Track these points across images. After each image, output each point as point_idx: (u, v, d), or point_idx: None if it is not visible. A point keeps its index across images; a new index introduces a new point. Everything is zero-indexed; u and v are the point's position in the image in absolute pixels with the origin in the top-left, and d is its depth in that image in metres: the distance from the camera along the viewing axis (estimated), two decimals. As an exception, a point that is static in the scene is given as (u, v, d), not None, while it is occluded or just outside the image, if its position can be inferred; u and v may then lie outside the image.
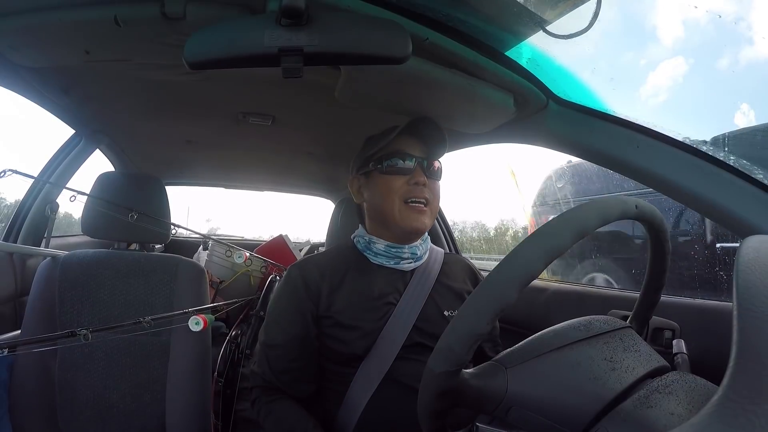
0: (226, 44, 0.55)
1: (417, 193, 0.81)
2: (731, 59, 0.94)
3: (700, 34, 1.17)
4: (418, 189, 0.81)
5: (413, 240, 0.84)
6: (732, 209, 0.65)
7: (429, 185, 0.82)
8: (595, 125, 0.80)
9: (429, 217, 0.82)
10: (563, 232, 0.42)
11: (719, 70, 1.20)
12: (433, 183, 0.84)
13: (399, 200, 0.81)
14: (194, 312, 0.97)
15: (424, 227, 0.82)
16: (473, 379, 0.45)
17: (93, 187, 1.11)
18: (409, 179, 0.81)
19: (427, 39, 0.69)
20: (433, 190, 0.84)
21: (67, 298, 1.01)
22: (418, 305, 0.79)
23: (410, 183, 0.81)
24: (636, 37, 0.93)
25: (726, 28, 0.99)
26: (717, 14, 0.65)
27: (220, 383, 1.51)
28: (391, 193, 0.81)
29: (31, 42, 0.74)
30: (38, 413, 0.95)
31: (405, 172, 0.82)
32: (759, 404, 0.27)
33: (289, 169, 1.86)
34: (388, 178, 0.82)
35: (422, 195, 0.81)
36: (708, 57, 1.35)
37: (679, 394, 0.42)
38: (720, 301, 0.79)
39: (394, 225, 0.81)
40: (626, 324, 0.53)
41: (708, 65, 1.45)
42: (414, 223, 0.80)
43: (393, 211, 0.81)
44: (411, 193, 0.81)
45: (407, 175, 0.81)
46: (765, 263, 0.37)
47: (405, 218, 0.80)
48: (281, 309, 0.82)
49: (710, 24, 0.98)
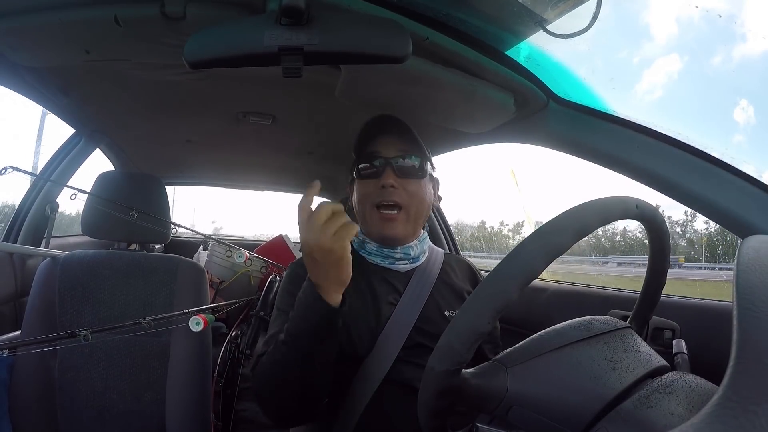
0: (226, 43, 0.55)
1: (386, 197, 0.78)
2: (733, 55, 0.95)
3: (700, 31, 1.17)
4: (386, 192, 0.78)
5: (395, 245, 0.82)
6: (732, 209, 0.65)
7: (403, 186, 0.79)
8: (596, 125, 0.80)
9: (403, 222, 0.79)
10: (564, 231, 0.43)
11: (719, 68, 1.19)
12: (409, 183, 0.79)
13: (371, 206, 0.79)
14: (194, 312, 0.97)
15: (397, 235, 0.79)
16: (474, 378, 0.45)
17: (93, 187, 1.11)
18: (378, 182, 0.79)
19: (428, 38, 0.69)
20: (409, 190, 0.79)
21: (67, 299, 1.01)
22: (419, 306, 0.79)
23: (379, 186, 0.79)
24: (636, 37, 0.93)
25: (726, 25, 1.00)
26: (717, 14, 0.65)
27: (220, 383, 1.51)
28: (363, 199, 0.81)
29: (32, 42, 0.74)
30: (38, 413, 0.95)
31: (375, 175, 0.79)
32: (759, 404, 0.27)
33: (289, 169, 1.86)
34: (362, 183, 0.81)
35: (391, 198, 0.78)
36: (708, 54, 1.33)
37: (679, 394, 0.42)
38: (720, 301, 0.79)
39: (371, 230, 0.81)
40: (626, 324, 0.53)
41: (708, 62, 1.44)
42: (384, 232, 0.79)
43: (365, 216, 0.81)
44: (381, 196, 0.78)
45: (377, 178, 0.79)
46: (765, 263, 0.37)
47: (376, 226, 0.80)
48: (286, 300, 0.81)
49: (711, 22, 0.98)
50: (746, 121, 1.00)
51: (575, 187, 5.67)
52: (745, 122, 1.01)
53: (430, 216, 1.70)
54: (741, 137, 0.75)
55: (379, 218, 0.79)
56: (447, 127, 0.98)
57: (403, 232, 0.80)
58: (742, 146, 0.68)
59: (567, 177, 5.63)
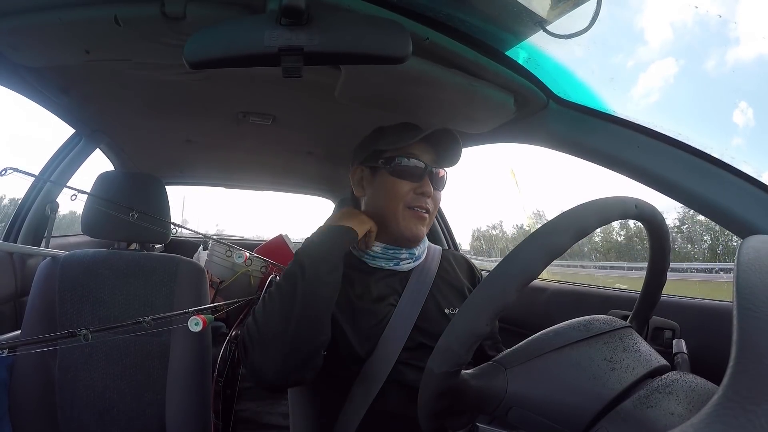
0: (226, 44, 0.55)
1: (421, 203, 0.80)
2: (734, 57, 0.95)
3: (701, 32, 1.17)
4: (423, 199, 0.80)
5: (410, 246, 0.83)
6: (732, 209, 0.65)
7: (434, 196, 0.82)
8: (596, 125, 0.80)
9: (427, 225, 0.83)
10: (563, 232, 0.42)
11: (719, 69, 1.20)
12: (437, 193, 0.83)
13: (402, 205, 0.80)
14: (194, 312, 0.97)
15: (422, 235, 0.82)
16: (473, 379, 0.45)
17: (93, 187, 1.11)
18: (416, 187, 0.80)
19: (428, 38, 0.69)
20: (436, 200, 0.83)
21: (67, 298, 1.01)
22: (418, 305, 0.79)
23: (417, 191, 0.80)
24: (636, 36, 0.93)
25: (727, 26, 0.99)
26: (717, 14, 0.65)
27: (220, 383, 1.51)
28: (395, 197, 0.80)
29: (31, 42, 0.74)
30: (38, 413, 0.95)
31: (415, 179, 0.80)
32: (759, 404, 0.27)
33: (289, 169, 1.86)
34: (395, 180, 0.81)
35: (426, 206, 0.81)
36: (706, 55, 1.34)
37: (679, 393, 0.42)
38: (720, 301, 0.79)
39: (394, 228, 0.81)
40: (626, 324, 0.53)
41: (706, 63, 1.45)
42: (414, 230, 0.80)
43: (395, 214, 0.80)
44: (416, 201, 0.80)
45: (416, 183, 0.80)
46: (765, 263, 0.37)
47: (406, 224, 0.80)
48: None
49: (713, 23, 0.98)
50: (745, 123, 1.00)
51: (575, 187, 5.67)
52: (744, 124, 1.02)
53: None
54: (740, 140, 0.75)
55: (413, 216, 0.80)
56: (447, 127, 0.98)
57: (425, 234, 0.83)
58: (741, 148, 0.68)
59: (567, 177, 5.64)
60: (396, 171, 0.80)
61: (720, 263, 1.77)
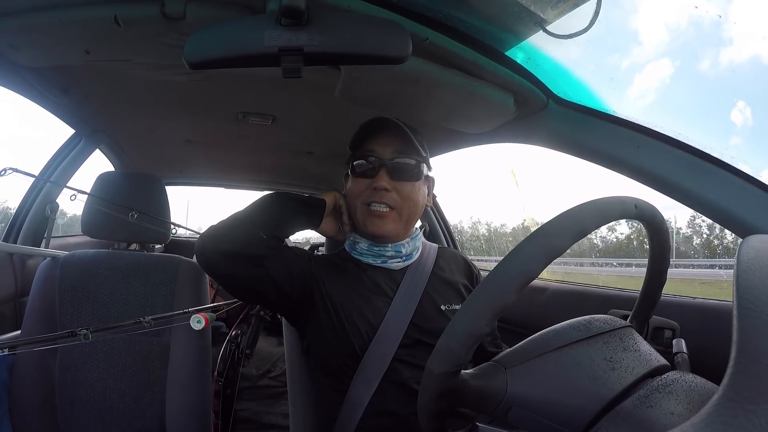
0: (226, 44, 0.55)
1: (376, 198, 0.79)
2: (734, 57, 0.94)
3: (701, 33, 1.16)
4: (377, 194, 0.79)
5: (384, 242, 0.82)
6: (732, 209, 0.65)
7: (397, 188, 0.79)
8: (596, 125, 0.80)
9: (394, 221, 0.80)
10: (563, 232, 0.42)
11: (718, 69, 1.19)
12: (402, 185, 0.80)
13: (361, 203, 0.80)
14: (194, 312, 0.97)
15: (386, 232, 0.80)
16: (473, 379, 0.45)
17: (93, 187, 1.11)
18: (371, 182, 0.80)
19: (427, 39, 0.69)
20: (403, 193, 0.80)
21: (67, 299, 1.01)
22: (413, 302, 0.79)
23: (371, 187, 0.79)
24: (635, 36, 0.93)
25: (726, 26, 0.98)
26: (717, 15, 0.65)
27: (220, 383, 1.51)
28: (354, 196, 0.81)
29: (31, 42, 0.74)
30: (38, 413, 0.95)
31: (368, 174, 0.80)
32: (759, 404, 0.27)
33: (289, 169, 1.86)
34: (355, 180, 0.82)
35: (382, 200, 0.79)
36: (703, 56, 1.33)
37: (679, 393, 0.42)
38: (720, 301, 0.79)
39: (360, 227, 0.82)
40: (626, 323, 0.53)
41: (705, 64, 1.44)
42: (373, 228, 0.79)
43: (356, 213, 0.81)
44: (371, 197, 0.79)
45: (371, 178, 0.80)
46: (765, 263, 0.37)
47: (366, 222, 0.80)
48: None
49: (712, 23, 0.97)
50: (743, 123, 1.00)
51: (575, 187, 5.65)
52: (742, 124, 1.02)
53: (430, 215, 1.70)
54: (738, 139, 0.75)
55: (369, 214, 0.80)
56: (447, 127, 0.98)
57: (394, 230, 0.81)
58: (739, 148, 0.68)
59: (567, 177, 5.62)
60: (354, 170, 0.82)
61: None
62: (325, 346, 0.78)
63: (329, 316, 0.77)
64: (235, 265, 0.72)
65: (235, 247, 0.71)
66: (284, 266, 0.76)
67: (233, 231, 0.73)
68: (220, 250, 0.71)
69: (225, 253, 0.71)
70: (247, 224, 0.74)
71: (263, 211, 0.76)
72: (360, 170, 0.82)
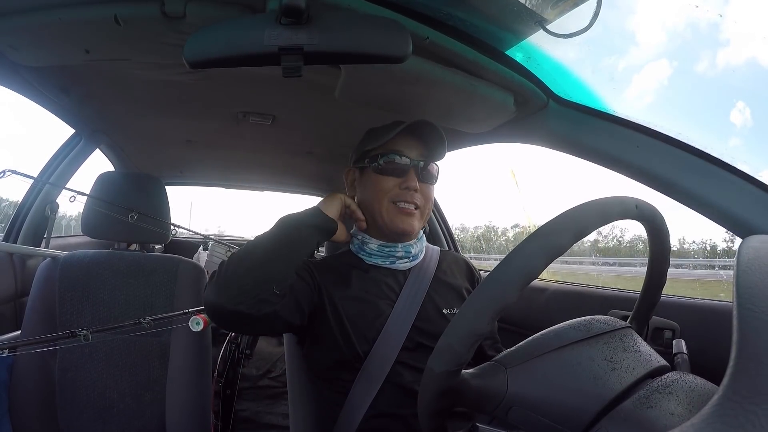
0: (226, 43, 0.55)
1: (407, 198, 0.80)
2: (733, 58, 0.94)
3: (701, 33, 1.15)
4: (408, 194, 0.80)
5: (403, 240, 0.83)
6: (732, 209, 0.65)
7: (421, 190, 0.81)
8: (596, 125, 0.80)
9: (418, 219, 0.82)
10: (563, 232, 0.42)
11: (718, 70, 1.19)
12: (426, 187, 0.82)
13: (387, 201, 0.80)
14: (194, 312, 0.97)
15: (412, 230, 0.81)
16: (473, 379, 0.45)
17: (93, 188, 1.11)
18: (401, 182, 0.80)
19: (428, 38, 0.69)
20: (426, 194, 0.82)
21: (67, 299, 1.01)
22: (416, 305, 0.79)
23: (401, 186, 0.80)
24: (636, 36, 0.92)
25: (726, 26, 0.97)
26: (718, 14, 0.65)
27: (220, 383, 1.52)
28: (380, 194, 0.81)
29: (32, 41, 0.74)
30: (38, 413, 0.95)
31: (398, 174, 0.81)
32: (759, 404, 0.27)
33: (289, 169, 1.86)
34: (380, 177, 0.81)
35: (412, 200, 0.80)
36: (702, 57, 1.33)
37: (679, 394, 0.42)
38: (720, 301, 0.79)
39: (382, 225, 0.81)
40: (626, 324, 0.53)
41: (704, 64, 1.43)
42: (401, 225, 0.80)
43: (381, 211, 0.81)
44: (401, 196, 0.80)
45: (400, 178, 0.81)
46: (765, 263, 0.37)
47: (392, 219, 0.80)
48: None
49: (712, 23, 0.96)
50: (743, 123, 0.99)
51: (575, 187, 5.63)
52: (741, 124, 1.01)
53: (430, 216, 1.70)
54: (737, 140, 0.75)
55: (398, 212, 0.80)
56: (447, 127, 0.98)
57: (417, 228, 0.82)
58: (739, 148, 0.68)
59: (567, 177, 5.60)
60: (380, 168, 0.82)
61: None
62: (327, 351, 0.78)
63: (333, 322, 0.76)
64: (250, 321, 0.69)
65: (251, 309, 0.67)
66: (293, 302, 0.73)
67: (247, 286, 0.67)
68: (236, 311, 0.67)
69: (240, 314, 0.68)
70: (260, 280, 0.68)
71: (278, 259, 0.70)
72: (389, 168, 0.81)
